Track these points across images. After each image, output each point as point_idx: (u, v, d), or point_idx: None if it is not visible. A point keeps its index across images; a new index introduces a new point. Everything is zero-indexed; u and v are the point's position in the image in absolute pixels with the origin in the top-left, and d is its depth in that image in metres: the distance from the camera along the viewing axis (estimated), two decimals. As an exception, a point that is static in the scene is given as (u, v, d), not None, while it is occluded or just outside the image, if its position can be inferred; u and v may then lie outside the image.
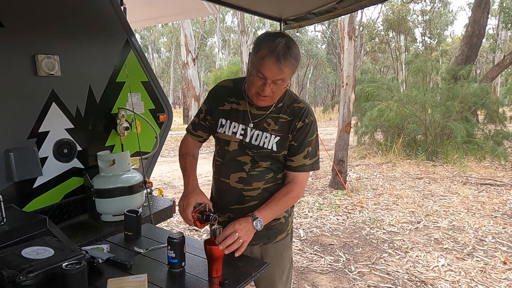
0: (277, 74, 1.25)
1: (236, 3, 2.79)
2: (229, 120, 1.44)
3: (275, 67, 1.24)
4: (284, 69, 1.25)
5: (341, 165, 5.51)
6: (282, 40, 1.25)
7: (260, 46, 1.27)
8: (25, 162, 1.91)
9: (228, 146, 1.44)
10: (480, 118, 9.25)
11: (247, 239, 1.31)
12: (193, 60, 12.33)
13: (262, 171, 1.43)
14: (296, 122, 1.38)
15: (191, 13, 4.60)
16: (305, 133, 1.39)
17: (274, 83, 1.28)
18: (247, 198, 1.43)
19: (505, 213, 4.30)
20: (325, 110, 19.48)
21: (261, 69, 1.26)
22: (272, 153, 1.39)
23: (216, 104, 1.48)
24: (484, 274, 2.92)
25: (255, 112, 1.42)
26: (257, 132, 1.40)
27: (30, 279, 1.11)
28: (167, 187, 5.99)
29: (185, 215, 1.39)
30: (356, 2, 2.66)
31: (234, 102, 1.45)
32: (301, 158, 1.41)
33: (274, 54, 1.23)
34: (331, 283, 2.83)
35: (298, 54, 1.29)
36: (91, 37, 2.28)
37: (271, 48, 1.23)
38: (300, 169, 1.42)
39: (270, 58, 1.23)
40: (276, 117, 1.40)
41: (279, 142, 1.39)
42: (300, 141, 1.40)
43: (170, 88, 33.83)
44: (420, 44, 23.89)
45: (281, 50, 1.23)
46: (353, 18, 5.53)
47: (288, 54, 1.24)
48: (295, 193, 1.43)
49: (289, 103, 1.42)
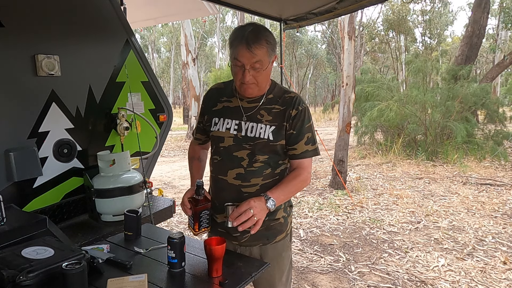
0: (251, 57, 1.32)
1: (236, 3, 2.79)
2: (222, 117, 1.49)
3: (246, 51, 1.31)
4: (256, 51, 1.31)
5: (341, 165, 5.51)
6: (250, 27, 1.35)
7: (232, 38, 1.36)
8: (25, 162, 1.91)
9: (223, 142, 1.47)
10: (480, 118, 9.26)
11: (261, 217, 1.33)
12: (193, 60, 12.32)
13: (260, 167, 1.44)
14: (290, 110, 1.42)
15: (191, 13, 4.60)
16: (301, 120, 1.43)
17: (253, 68, 1.34)
18: (246, 195, 1.43)
19: (505, 213, 4.30)
20: (325, 110, 19.49)
21: (237, 57, 1.34)
22: (269, 143, 1.42)
23: (209, 106, 1.54)
24: (484, 274, 2.92)
25: (246, 106, 1.46)
26: (252, 124, 1.44)
27: (30, 279, 1.11)
28: (167, 187, 6.00)
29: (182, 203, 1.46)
30: (356, 2, 2.66)
31: (226, 101, 1.51)
32: (303, 144, 1.44)
33: (243, 39, 1.31)
34: (331, 283, 2.83)
35: (270, 36, 1.36)
36: (91, 37, 2.28)
37: (240, 35, 1.33)
38: (304, 155, 1.45)
39: (241, 44, 1.32)
40: (269, 108, 1.44)
41: (275, 131, 1.42)
42: (299, 128, 1.43)
43: (170, 88, 33.84)
44: (420, 44, 23.89)
45: (249, 35, 1.32)
46: (353, 18, 5.53)
47: (256, 37, 1.32)
48: (303, 177, 1.46)
49: (280, 94, 1.47)
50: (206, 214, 1.43)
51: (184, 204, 1.45)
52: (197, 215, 1.41)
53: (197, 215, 1.41)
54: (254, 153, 1.43)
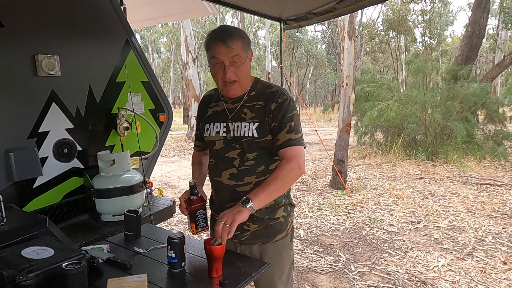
0: (228, 52, 1.35)
1: (236, 3, 2.79)
2: (211, 122, 1.54)
3: (222, 47, 1.35)
4: (232, 45, 1.35)
5: (341, 165, 5.51)
6: (222, 26, 1.42)
7: (206, 40, 1.41)
8: (25, 162, 1.91)
9: (215, 145, 1.51)
10: (480, 118, 9.25)
11: (232, 219, 1.24)
12: (193, 60, 12.32)
13: (252, 165, 1.45)
14: (270, 104, 1.43)
15: (191, 13, 4.60)
16: (282, 111, 1.42)
17: (232, 64, 1.37)
18: (241, 194, 1.43)
19: (505, 213, 4.30)
20: (325, 110, 19.48)
21: (214, 55, 1.38)
22: (255, 140, 1.42)
23: (202, 113, 1.60)
24: (484, 274, 2.92)
25: (230, 107, 1.49)
26: (237, 123, 1.46)
27: (30, 279, 1.11)
28: (167, 187, 6.00)
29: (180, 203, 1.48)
30: (356, 2, 2.66)
31: (214, 106, 1.56)
32: (285, 134, 1.40)
33: (218, 37, 1.37)
34: (331, 283, 2.83)
35: (242, 32, 1.42)
36: (91, 37, 2.28)
37: (214, 35, 1.39)
38: (287, 144, 1.39)
39: (215, 42, 1.37)
40: (251, 105, 1.46)
41: (258, 128, 1.42)
42: (280, 119, 1.41)
43: (170, 88, 33.82)
44: (420, 44, 23.88)
45: (222, 31, 1.38)
46: (353, 18, 5.53)
47: (228, 32, 1.37)
48: (288, 167, 1.35)
49: (262, 90, 1.48)
50: (202, 214, 1.44)
51: (180, 205, 1.47)
52: (192, 215, 1.42)
53: (192, 215, 1.43)
54: (244, 152, 1.44)
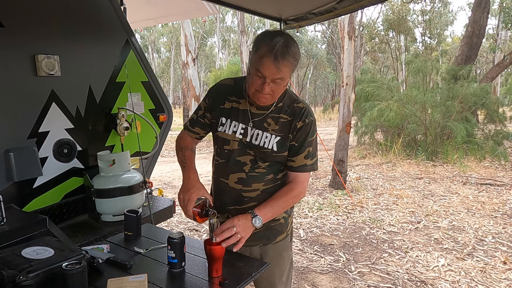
0: (276, 73, 1.25)
1: (236, 3, 2.79)
2: (229, 119, 1.44)
3: (273, 66, 1.24)
4: (282, 68, 1.25)
5: (341, 165, 5.51)
6: (280, 39, 1.25)
7: (258, 45, 1.27)
8: (25, 162, 1.91)
9: (229, 145, 1.44)
10: (480, 118, 9.25)
11: (245, 235, 1.29)
12: (193, 60, 12.33)
13: (262, 173, 1.42)
14: (297, 122, 1.39)
15: (191, 13, 4.60)
16: (305, 133, 1.40)
17: (274, 82, 1.28)
18: (246, 199, 1.43)
19: (505, 213, 4.30)
20: (325, 110, 19.49)
21: (260, 68, 1.26)
22: (273, 153, 1.39)
23: (217, 102, 1.47)
24: (484, 274, 2.92)
25: (255, 112, 1.41)
26: (257, 131, 1.40)
27: (30, 279, 1.11)
28: (167, 187, 5.99)
29: (185, 210, 1.36)
30: (356, 2, 2.65)
31: (235, 101, 1.44)
32: (302, 158, 1.41)
33: (272, 53, 1.23)
34: (331, 283, 2.83)
35: (297, 53, 1.29)
36: (91, 37, 2.28)
37: (269, 47, 1.24)
38: (301, 169, 1.43)
39: (268, 58, 1.23)
40: (276, 117, 1.40)
41: (280, 142, 1.39)
42: (301, 141, 1.40)
43: (170, 88, 33.81)
44: (420, 44, 23.87)
45: (279, 49, 1.23)
46: (353, 18, 5.53)
47: (286, 53, 1.24)
48: (296, 192, 1.43)
49: (289, 103, 1.42)
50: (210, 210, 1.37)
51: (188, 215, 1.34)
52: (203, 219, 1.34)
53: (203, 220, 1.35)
54: (257, 160, 1.41)
